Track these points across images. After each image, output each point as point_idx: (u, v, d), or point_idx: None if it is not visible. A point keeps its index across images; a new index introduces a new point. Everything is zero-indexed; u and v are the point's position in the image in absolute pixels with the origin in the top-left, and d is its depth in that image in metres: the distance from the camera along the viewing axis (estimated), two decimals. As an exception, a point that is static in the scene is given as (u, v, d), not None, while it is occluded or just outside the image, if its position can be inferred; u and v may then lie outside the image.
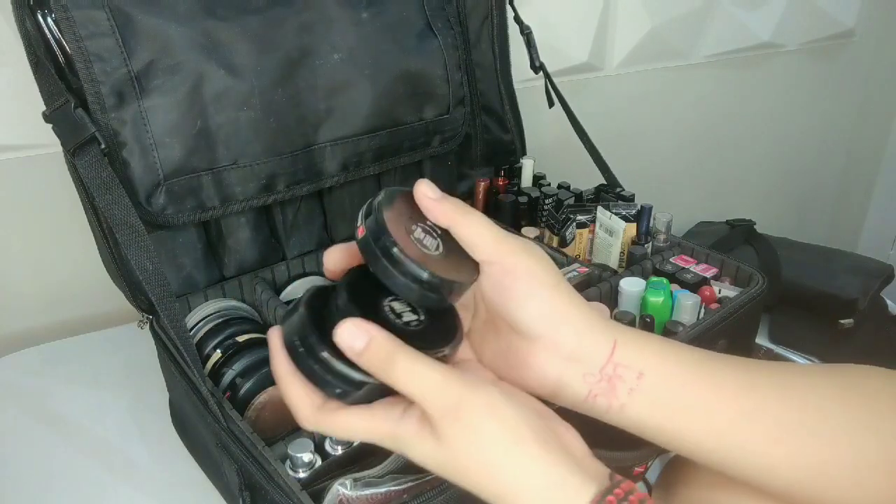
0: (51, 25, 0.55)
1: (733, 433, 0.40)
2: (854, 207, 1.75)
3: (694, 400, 0.40)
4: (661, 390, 0.40)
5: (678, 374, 0.40)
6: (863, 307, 0.99)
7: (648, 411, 0.40)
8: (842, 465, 0.39)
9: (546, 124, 0.89)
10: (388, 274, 0.36)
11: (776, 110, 1.46)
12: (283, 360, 0.38)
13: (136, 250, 0.52)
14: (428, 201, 0.38)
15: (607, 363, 0.40)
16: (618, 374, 0.40)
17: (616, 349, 0.40)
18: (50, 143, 0.62)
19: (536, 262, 0.39)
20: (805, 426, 0.40)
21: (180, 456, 0.65)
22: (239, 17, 0.61)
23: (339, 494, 0.47)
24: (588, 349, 0.40)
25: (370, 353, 0.35)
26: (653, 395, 0.40)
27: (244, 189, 0.64)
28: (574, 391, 0.40)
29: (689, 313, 0.65)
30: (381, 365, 0.35)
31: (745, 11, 1.27)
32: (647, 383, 0.40)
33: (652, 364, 0.40)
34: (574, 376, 0.40)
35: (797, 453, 0.39)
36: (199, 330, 0.64)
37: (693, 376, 0.40)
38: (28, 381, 0.75)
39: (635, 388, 0.40)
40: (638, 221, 0.74)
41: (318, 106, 0.66)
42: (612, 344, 0.40)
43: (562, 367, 0.40)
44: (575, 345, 0.39)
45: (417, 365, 0.35)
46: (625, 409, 0.40)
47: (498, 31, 0.81)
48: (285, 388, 0.38)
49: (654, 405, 0.40)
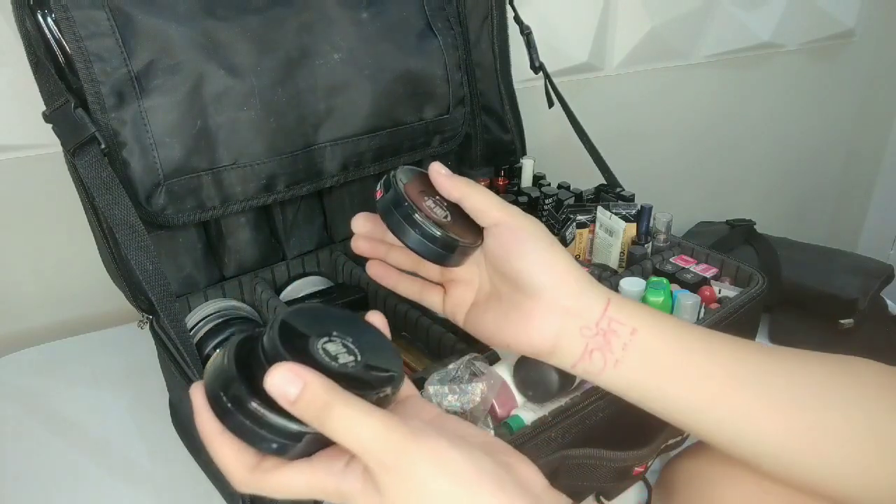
0: (51, 25, 0.55)
1: (725, 396, 0.41)
2: (854, 207, 1.75)
3: (687, 360, 0.41)
4: (655, 347, 0.41)
5: (671, 335, 0.42)
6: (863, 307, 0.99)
7: (642, 368, 0.41)
8: (831, 436, 0.40)
9: (546, 124, 0.89)
10: (407, 233, 0.42)
11: (776, 110, 1.46)
12: (209, 418, 0.35)
13: (136, 250, 0.52)
14: (441, 177, 0.44)
15: (602, 317, 0.42)
16: (612, 328, 0.42)
17: (610, 305, 0.42)
18: (50, 143, 0.62)
19: (537, 225, 0.44)
20: (796, 396, 0.41)
21: (180, 456, 0.65)
22: (239, 17, 0.61)
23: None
24: (585, 303, 0.42)
25: (305, 401, 0.32)
26: (646, 351, 0.41)
27: (244, 189, 0.64)
28: (571, 345, 0.42)
29: (689, 313, 0.65)
30: (317, 414, 0.32)
31: (745, 11, 1.27)
32: (640, 339, 0.42)
33: (645, 322, 0.42)
34: (572, 329, 0.42)
35: (788, 420, 0.40)
36: (199, 330, 0.64)
37: (686, 339, 0.42)
38: (28, 381, 0.75)
39: (629, 343, 0.41)
40: (638, 221, 0.74)
41: (318, 106, 0.66)
42: (607, 301, 0.43)
43: (561, 321, 0.42)
44: (573, 297, 0.42)
45: (355, 412, 0.33)
46: (619, 364, 0.42)
47: (498, 31, 0.81)
48: (214, 449, 0.35)
49: (648, 362, 0.41)
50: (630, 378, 0.42)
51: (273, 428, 0.33)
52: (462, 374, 0.52)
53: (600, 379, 0.43)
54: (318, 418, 0.32)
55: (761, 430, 0.40)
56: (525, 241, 0.43)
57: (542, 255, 0.43)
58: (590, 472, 0.52)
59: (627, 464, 0.52)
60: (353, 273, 0.73)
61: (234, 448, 0.34)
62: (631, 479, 0.57)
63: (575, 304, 0.42)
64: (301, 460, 0.35)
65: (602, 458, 0.51)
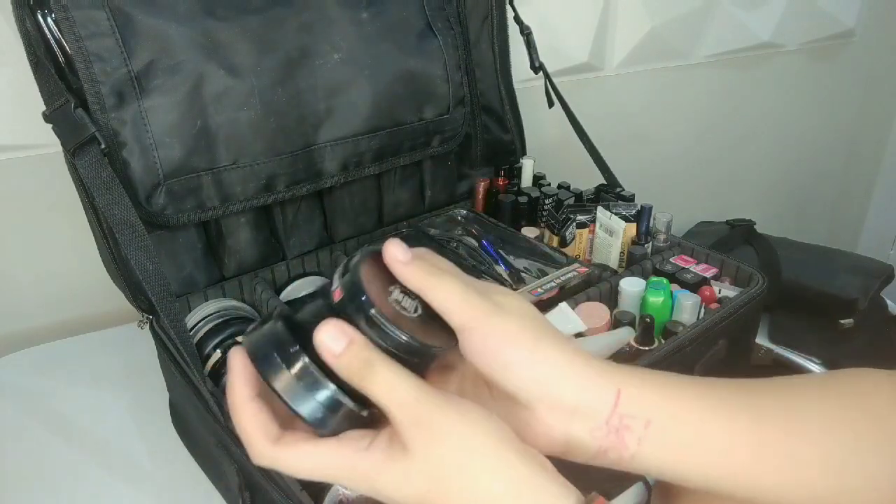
0: (51, 25, 0.55)
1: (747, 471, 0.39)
2: (854, 207, 1.75)
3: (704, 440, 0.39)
4: (670, 436, 0.39)
5: (685, 417, 0.39)
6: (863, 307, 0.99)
7: (659, 456, 0.39)
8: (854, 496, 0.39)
9: (546, 124, 0.89)
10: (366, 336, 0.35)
11: (776, 110, 1.46)
12: (243, 382, 0.35)
13: (136, 250, 0.52)
14: (397, 265, 0.36)
15: (612, 414, 0.38)
16: (624, 424, 0.38)
17: (620, 398, 0.38)
18: (50, 143, 0.62)
19: (514, 321, 0.37)
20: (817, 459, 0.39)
21: (180, 456, 0.65)
22: (239, 17, 0.61)
23: (338, 494, 0.47)
24: (591, 400, 0.37)
25: (349, 356, 0.34)
26: (662, 441, 0.38)
27: (244, 189, 0.64)
28: (583, 447, 0.39)
29: (689, 313, 0.65)
30: (358, 370, 0.34)
31: (745, 11, 1.27)
32: (654, 430, 0.38)
33: (657, 410, 0.38)
34: (581, 433, 0.38)
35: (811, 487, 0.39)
36: (199, 330, 0.64)
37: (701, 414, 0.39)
38: (28, 381, 0.75)
39: (644, 436, 0.38)
40: (638, 221, 0.74)
41: (318, 106, 0.66)
42: (616, 393, 0.38)
43: (567, 425, 0.38)
44: (576, 401, 0.37)
45: (394, 372, 0.34)
46: (636, 458, 0.39)
47: (498, 31, 0.81)
48: (240, 415, 0.35)
49: (665, 450, 0.39)
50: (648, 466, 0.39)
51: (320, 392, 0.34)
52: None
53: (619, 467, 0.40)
54: (359, 373, 0.34)
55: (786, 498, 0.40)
56: (503, 350, 0.36)
57: (528, 366, 0.36)
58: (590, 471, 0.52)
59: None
60: (353, 273, 0.73)
61: (261, 417, 0.35)
62: (631, 479, 0.57)
63: (580, 404, 0.37)
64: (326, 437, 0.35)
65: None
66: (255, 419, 0.35)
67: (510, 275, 0.70)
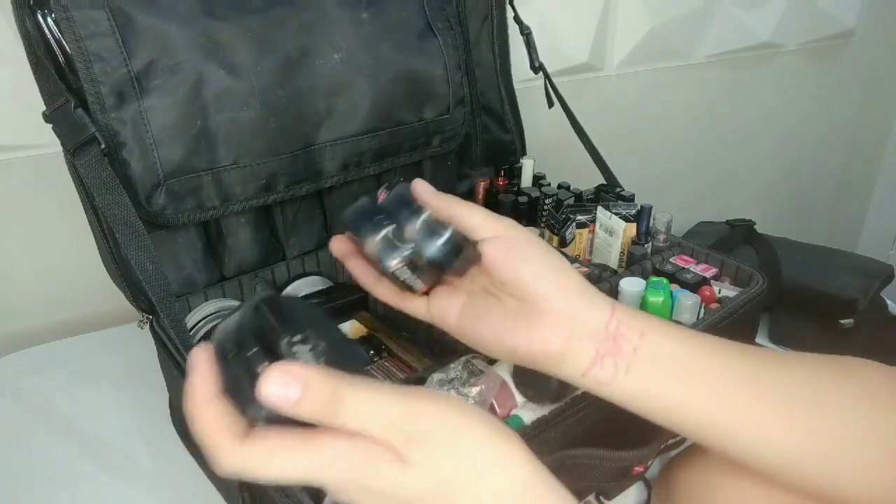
0: (51, 25, 0.55)
1: (737, 401, 0.40)
2: (854, 207, 1.75)
3: (695, 364, 0.41)
4: (664, 350, 0.41)
5: (678, 338, 0.41)
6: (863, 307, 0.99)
7: (652, 373, 0.40)
8: (845, 444, 0.40)
9: (546, 124, 0.89)
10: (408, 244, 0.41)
11: (776, 110, 1.46)
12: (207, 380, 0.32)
13: (136, 250, 0.52)
14: (429, 195, 0.43)
15: (611, 320, 0.41)
16: (621, 331, 0.41)
17: (616, 310, 0.42)
18: (50, 143, 0.62)
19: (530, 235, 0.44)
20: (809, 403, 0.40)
21: (180, 456, 0.65)
22: (239, 17, 0.61)
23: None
24: (592, 307, 0.42)
25: (310, 399, 0.30)
26: (656, 354, 0.41)
27: (244, 189, 0.64)
28: (583, 350, 0.41)
29: (689, 313, 0.65)
30: (327, 408, 0.30)
31: (745, 11, 1.27)
32: (649, 341, 0.41)
33: (652, 326, 0.42)
34: (582, 333, 0.41)
35: (802, 427, 0.40)
36: (199, 330, 0.64)
37: (692, 342, 0.41)
38: (28, 381, 0.75)
39: (639, 346, 0.41)
40: (638, 221, 0.74)
41: (318, 106, 0.66)
42: (612, 306, 0.42)
43: (571, 326, 0.41)
44: (580, 302, 0.42)
45: (369, 394, 0.31)
46: (630, 370, 0.41)
47: (498, 31, 0.81)
48: (202, 414, 0.32)
49: (658, 365, 0.40)
50: (640, 385, 0.41)
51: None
52: (461, 374, 0.52)
53: (612, 388, 0.41)
54: (328, 412, 0.30)
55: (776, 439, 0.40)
56: (525, 250, 0.42)
57: (544, 262, 0.42)
58: (590, 471, 0.52)
59: (627, 464, 0.52)
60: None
61: (226, 415, 0.31)
62: (631, 479, 0.57)
63: (583, 309, 0.41)
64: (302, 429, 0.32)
65: (602, 457, 0.51)
66: (220, 418, 0.31)
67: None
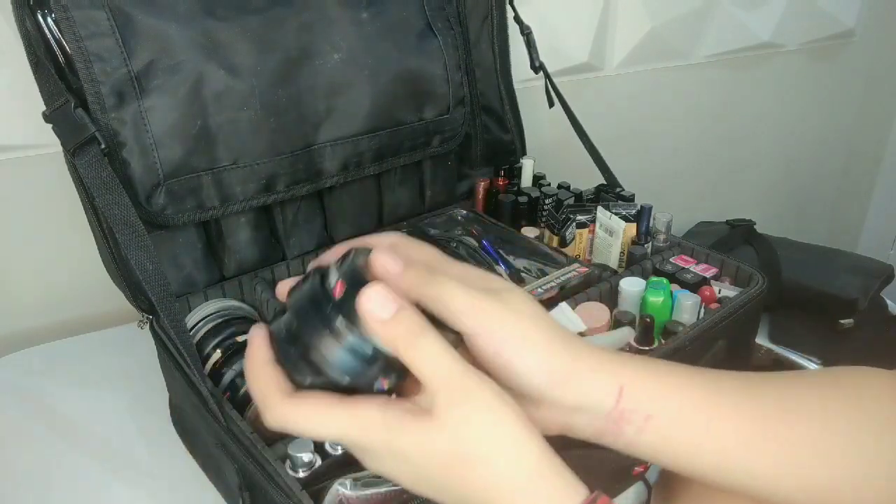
0: (51, 25, 0.55)
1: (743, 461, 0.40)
2: (854, 207, 1.75)
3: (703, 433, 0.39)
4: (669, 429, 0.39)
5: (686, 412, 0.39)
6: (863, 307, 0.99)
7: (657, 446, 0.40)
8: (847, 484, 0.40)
9: (546, 124, 0.89)
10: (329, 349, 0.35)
11: (776, 110, 1.46)
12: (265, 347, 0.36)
13: (136, 250, 0.52)
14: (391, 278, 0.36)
15: (615, 409, 0.38)
16: (625, 417, 0.38)
17: (623, 396, 0.38)
18: (50, 143, 0.62)
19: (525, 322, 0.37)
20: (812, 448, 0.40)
21: (180, 456, 0.65)
22: (239, 17, 0.61)
23: (338, 494, 0.47)
24: (594, 398, 0.38)
25: (397, 322, 0.34)
26: (661, 434, 0.39)
27: (244, 189, 0.64)
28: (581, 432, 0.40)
29: (689, 313, 0.65)
30: (407, 335, 0.34)
31: (745, 11, 1.27)
32: (654, 424, 0.39)
33: (658, 406, 0.39)
34: (580, 424, 0.39)
35: (805, 475, 0.40)
36: (199, 330, 0.64)
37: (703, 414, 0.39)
38: (28, 381, 0.75)
39: (643, 428, 0.39)
40: (638, 221, 0.74)
41: (318, 106, 0.66)
42: (619, 390, 0.38)
43: (566, 418, 0.39)
44: (581, 396, 0.38)
45: (441, 343, 0.34)
46: (632, 445, 0.40)
47: (498, 31, 0.81)
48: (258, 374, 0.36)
49: (663, 441, 0.39)
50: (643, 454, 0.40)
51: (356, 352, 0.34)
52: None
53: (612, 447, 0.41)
54: (406, 340, 0.34)
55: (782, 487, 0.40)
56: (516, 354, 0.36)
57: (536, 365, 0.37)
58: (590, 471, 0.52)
59: (627, 464, 0.52)
60: (353, 273, 0.73)
61: (277, 376, 0.36)
62: (631, 479, 0.57)
63: (582, 402, 0.38)
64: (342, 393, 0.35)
65: (602, 457, 0.51)
66: (272, 379, 0.36)
67: (510, 275, 0.70)
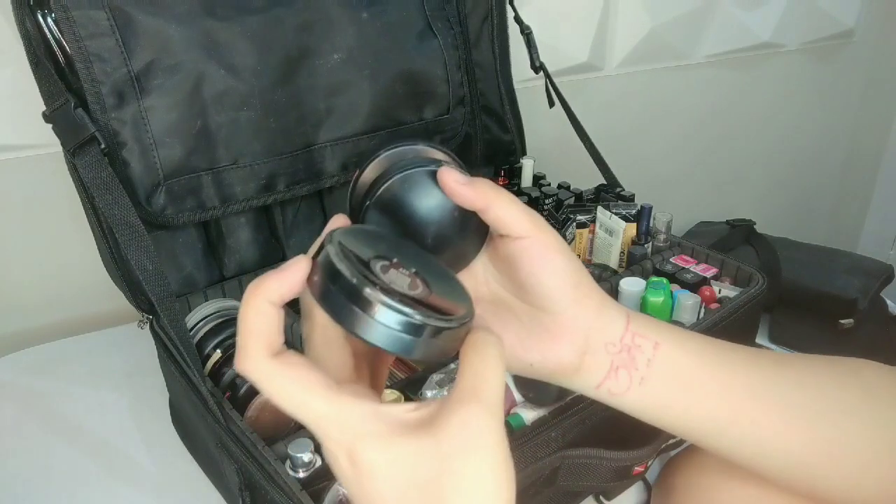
0: (51, 25, 0.55)
1: (746, 409, 0.40)
2: (854, 207, 1.75)
3: (709, 374, 0.41)
4: (678, 361, 0.41)
5: (692, 348, 0.41)
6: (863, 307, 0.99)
7: (666, 385, 0.41)
8: (849, 447, 0.40)
9: (546, 124, 0.89)
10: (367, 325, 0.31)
11: (776, 110, 1.46)
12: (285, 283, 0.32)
13: (136, 250, 0.52)
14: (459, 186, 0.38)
15: (626, 332, 0.41)
16: (636, 343, 0.41)
17: (631, 321, 0.41)
18: (50, 143, 0.62)
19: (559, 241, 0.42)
20: (814, 409, 0.41)
21: (180, 456, 0.65)
22: (239, 17, 0.61)
23: (339, 494, 0.47)
24: (608, 319, 0.41)
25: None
26: (670, 366, 0.41)
27: (244, 189, 0.64)
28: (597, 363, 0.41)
29: (689, 313, 0.65)
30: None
31: (745, 11, 1.27)
32: (663, 353, 0.41)
33: (666, 336, 0.41)
34: (597, 346, 0.41)
35: (807, 432, 0.40)
36: (199, 330, 0.64)
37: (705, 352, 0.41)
38: (28, 381, 0.75)
39: (653, 358, 0.40)
40: (638, 221, 0.74)
41: (318, 106, 0.66)
42: (627, 316, 0.41)
43: (586, 338, 0.41)
44: (597, 314, 0.41)
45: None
46: (644, 382, 0.41)
47: (498, 30, 0.81)
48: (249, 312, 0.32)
49: (672, 377, 0.41)
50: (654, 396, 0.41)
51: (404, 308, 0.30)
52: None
53: (624, 399, 0.41)
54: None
55: (782, 444, 0.40)
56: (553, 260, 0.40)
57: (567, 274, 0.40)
58: (590, 471, 0.52)
59: (627, 464, 0.52)
60: (353, 273, 0.73)
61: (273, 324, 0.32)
62: (631, 479, 0.57)
63: (598, 321, 0.41)
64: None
65: (602, 457, 0.51)
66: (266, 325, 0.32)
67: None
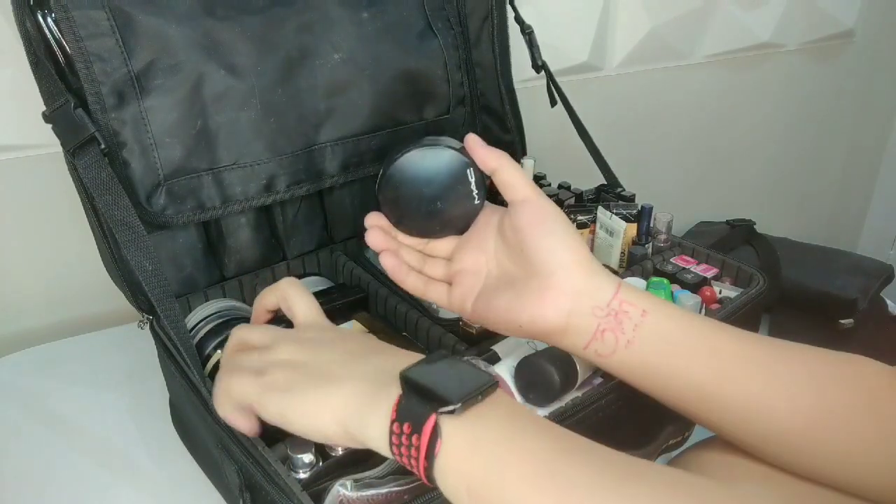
0: (51, 25, 0.55)
1: (732, 374, 0.42)
2: (854, 207, 1.75)
3: (695, 340, 0.42)
4: (665, 327, 0.43)
5: (679, 317, 0.43)
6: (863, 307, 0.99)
7: (652, 349, 0.42)
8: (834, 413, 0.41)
9: (546, 124, 0.89)
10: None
11: (776, 110, 1.46)
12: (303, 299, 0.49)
13: (135, 250, 0.52)
14: (479, 147, 0.49)
15: (613, 298, 0.43)
16: (623, 309, 0.43)
17: (620, 289, 0.44)
18: (50, 143, 0.62)
19: (557, 209, 0.47)
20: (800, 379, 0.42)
21: (180, 456, 0.65)
22: (239, 17, 0.61)
23: (339, 495, 0.47)
24: (597, 284, 0.44)
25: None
26: (656, 332, 0.42)
27: (244, 189, 0.64)
28: (584, 324, 0.43)
29: (689, 313, 0.65)
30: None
31: (745, 11, 1.27)
32: (650, 320, 0.43)
33: (654, 305, 0.43)
34: (584, 309, 0.43)
35: (793, 400, 0.41)
36: (200, 330, 0.64)
37: (693, 321, 0.43)
38: (28, 381, 0.75)
39: (640, 324, 0.42)
40: (638, 221, 0.74)
41: (319, 106, 0.66)
42: (617, 285, 0.44)
43: (573, 300, 0.43)
44: (586, 278, 0.44)
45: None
46: (630, 345, 0.42)
47: (498, 30, 0.81)
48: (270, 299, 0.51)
49: (658, 342, 0.42)
50: (640, 359, 0.43)
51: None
52: (462, 375, 0.52)
53: (611, 360, 0.44)
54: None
55: (767, 409, 0.41)
56: (549, 220, 0.45)
57: (562, 238, 0.45)
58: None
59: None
60: (354, 273, 0.73)
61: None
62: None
63: (587, 285, 0.44)
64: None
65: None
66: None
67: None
